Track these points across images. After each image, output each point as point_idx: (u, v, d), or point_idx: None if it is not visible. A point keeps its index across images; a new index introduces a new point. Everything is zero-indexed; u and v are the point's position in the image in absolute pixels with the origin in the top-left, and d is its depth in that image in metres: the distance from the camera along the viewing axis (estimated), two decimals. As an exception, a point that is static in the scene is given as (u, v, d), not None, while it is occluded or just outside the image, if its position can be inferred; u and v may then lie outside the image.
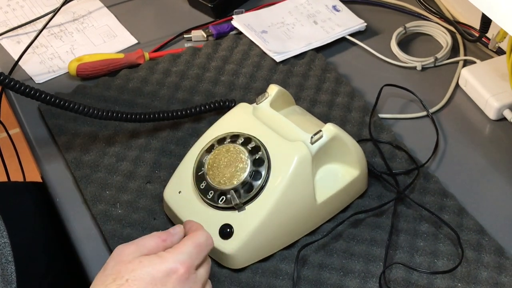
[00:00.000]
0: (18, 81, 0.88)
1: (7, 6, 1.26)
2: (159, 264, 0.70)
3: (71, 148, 0.99)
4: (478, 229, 0.89)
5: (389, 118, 1.04)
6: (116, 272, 0.70)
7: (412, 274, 0.84)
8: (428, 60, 1.11)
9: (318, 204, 0.87)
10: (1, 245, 0.95)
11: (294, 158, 0.84)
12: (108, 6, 1.25)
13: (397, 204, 0.92)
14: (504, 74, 1.03)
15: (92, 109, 0.93)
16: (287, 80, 1.08)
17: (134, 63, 1.12)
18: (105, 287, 0.69)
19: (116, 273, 0.70)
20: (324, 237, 0.87)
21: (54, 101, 0.91)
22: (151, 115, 0.98)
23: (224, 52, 1.13)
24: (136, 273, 0.69)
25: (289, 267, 0.86)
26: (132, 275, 0.69)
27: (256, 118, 0.89)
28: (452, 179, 0.95)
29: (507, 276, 0.84)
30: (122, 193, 0.94)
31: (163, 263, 0.70)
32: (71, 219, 0.93)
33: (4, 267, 0.93)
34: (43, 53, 1.16)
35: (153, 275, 0.69)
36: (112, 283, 0.69)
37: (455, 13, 1.19)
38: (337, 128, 0.87)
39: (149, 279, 0.69)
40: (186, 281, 0.71)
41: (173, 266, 0.70)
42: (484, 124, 1.03)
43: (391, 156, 0.98)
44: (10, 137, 1.20)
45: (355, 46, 1.16)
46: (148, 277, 0.69)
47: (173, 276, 0.70)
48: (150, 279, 0.69)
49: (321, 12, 1.19)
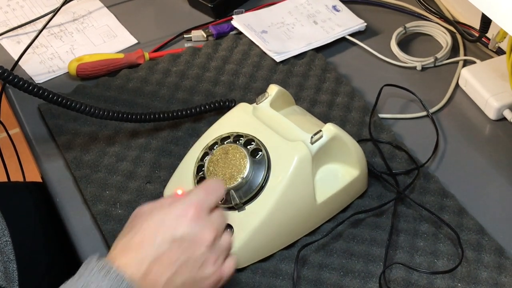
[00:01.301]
0: (21, 78, 0.88)
1: (7, 6, 1.26)
2: (170, 209, 0.73)
3: (71, 148, 0.99)
4: (478, 229, 0.89)
5: (389, 118, 1.04)
6: (132, 224, 0.73)
7: (412, 274, 0.84)
8: (428, 60, 1.11)
9: (318, 204, 0.87)
10: (3, 243, 0.95)
11: (294, 158, 0.84)
12: (108, 6, 1.25)
13: (397, 204, 0.92)
14: (504, 74, 1.03)
15: (94, 108, 0.93)
16: (287, 80, 1.08)
17: (134, 63, 1.12)
18: (123, 237, 0.73)
19: (133, 225, 0.73)
20: (324, 237, 0.87)
21: (56, 99, 0.91)
22: (152, 115, 0.98)
23: (224, 52, 1.13)
24: (149, 221, 0.72)
25: (289, 267, 0.86)
26: (146, 223, 0.72)
27: (256, 118, 0.89)
28: (452, 179, 0.95)
29: (507, 276, 0.84)
30: (122, 193, 0.94)
31: (173, 208, 0.73)
32: (71, 219, 0.93)
33: (6, 266, 0.93)
34: (43, 53, 1.16)
35: (164, 220, 0.72)
36: (129, 233, 0.72)
37: (455, 13, 1.19)
38: (337, 128, 0.87)
39: (161, 223, 0.72)
40: (198, 222, 0.73)
41: (183, 209, 0.73)
42: (484, 124, 1.03)
43: (391, 156, 0.98)
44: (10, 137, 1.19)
45: (355, 46, 1.16)
46: (161, 222, 0.72)
47: (184, 219, 0.72)
48: (162, 224, 0.72)
49: (321, 12, 1.19)
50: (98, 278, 0.68)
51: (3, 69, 0.87)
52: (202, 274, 0.73)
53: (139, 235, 0.72)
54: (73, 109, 0.92)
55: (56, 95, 0.91)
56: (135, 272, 0.69)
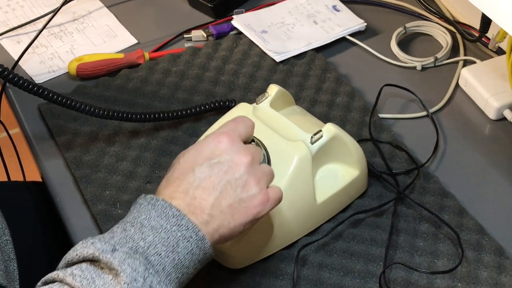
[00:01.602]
0: (21, 77, 0.88)
1: (7, 6, 1.26)
2: (204, 142, 0.76)
3: (71, 148, 0.99)
4: (478, 229, 0.89)
5: (389, 118, 1.04)
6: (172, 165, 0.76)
7: (412, 274, 0.84)
8: (428, 60, 1.11)
9: (318, 204, 0.87)
10: (3, 242, 0.95)
11: (294, 158, 0.84)
12: (108, 6, 1.25)
13: (397, 204, 0.92)
14: (504, 74, 1.03)
15: (94, 108, 0.93)
16: (287, 80, 1.08)
17: (134, 63, 1.12)
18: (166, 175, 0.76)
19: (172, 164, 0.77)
20: (324, 237, 0.87)
21: (56, 98, 0.91)
22: (152, 115, 0.98)
23: (224, 52, 1.13)
24: (185, 156, 0.76)
25: (289, 267, 0.86)
26: (183, 159, 0.75)
27: (256, 118, 0.89)
28: (452, 179, 0.95)
29: (507, 276, 0.84)
30: (122, 193, 0.94)
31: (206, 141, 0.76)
32: (71, 219, 0.93)
33: (7, 265, 0.93)
34: (43, 53, 1.16)
35: (200, 151, 0.75)
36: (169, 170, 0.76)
37: (455, 13, 1.19)
38: (337, 128, 0.87)
39: (197, 154, 0.75)
40: (232, 146, 0.75)
41: (215, 138, 0.75)
42: (484, 124, 1.03)
43: (391, 156, 0.98)
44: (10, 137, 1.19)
45: (355, 46, 1.16)
46: (197, 153, 0.75)
47: (218, 145, 0.75)
48: (198, 154, 0.75)
49: (321, 12, 1.19)
50: (147, 210, 0.71)
51: (3, 67, 0.87)
52: (246, 194, 0.74)
53: (178, 169, 0.75)
54: (73, 108, 0.92)
55: (56, 94, 0.91)
56: (180, 201, 0.72)
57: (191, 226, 0.70)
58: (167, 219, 0.70)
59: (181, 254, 0.70)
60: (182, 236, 0.70)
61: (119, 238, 0.69)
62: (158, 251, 0.68)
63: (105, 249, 0.66)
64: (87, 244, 0.67)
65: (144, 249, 0.68)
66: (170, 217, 0.70)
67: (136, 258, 0.66)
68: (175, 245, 0.69)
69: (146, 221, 0.70)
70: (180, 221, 0.70)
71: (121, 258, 0.65)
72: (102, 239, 0.68)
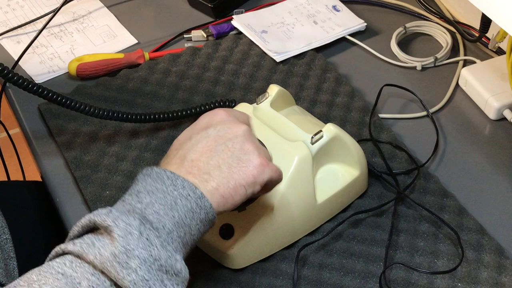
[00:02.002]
0: (21, 76, 0.88)
1: (7, 6, 1.26)
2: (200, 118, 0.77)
3: (71, 148, 0.99)
4: (478, 229, 0.89)
5: (389, 118, 1.04)
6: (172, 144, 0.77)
7: (412, 274, 0.84)
8: (428, 60, 1.11)
9: (318, 204, 0.87)
10: (3, 241, 0.95)
11: (294, 158, 0.84)
12: (108, 6, 1.25)
13: (397, 204, 0.92)
14: (504, 74, 1.03)
15: (94, 108, 0.93)
16: (287, 80, 1.08)
17: (134, 63, 1.12)
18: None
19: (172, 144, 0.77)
20: (324, 237, 0.87)
21: (56, 97, 0.91)
22: (152, 115, 0.98)
23: (224, 52, 1.13)
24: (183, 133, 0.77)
25: (289, 267, 0.86)
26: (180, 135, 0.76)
27: (256, 118, 0.89)
28: (452, 179, 0.96)
29: (507, 276, 0.84)
30: (122, 193, 0.93)
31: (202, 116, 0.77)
32: (71, 219, 0.93)
33: (7, 263, 0.94)
34: (43, 53, 1.16)
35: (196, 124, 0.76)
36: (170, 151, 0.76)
37: (455, 13, 1.19)
38: (337, 128, 0.87)
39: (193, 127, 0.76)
40: (229, 117, 0.76)
41: (212, 113, 0.77)
42: (484, 124, 1.03)
43: (391, 156, 0.98)
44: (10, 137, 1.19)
45: (355, 46, 1.16)
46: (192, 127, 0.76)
47: (215, 116, 0.76)
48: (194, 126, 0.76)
49: (321, 12, 1.19)
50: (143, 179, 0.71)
51: (3, 66, 0.87)
52: (244, 155, 0.73)
53: (175, 144, 0.76)
54: (73, 108, 0.92)
55: (56, 94, 0.91)
56: (176, 166, 0.72)
57: (187, 184, 0.70)
58: (162, 182, 0.70)
59: (181, 212, 0.69)
60: (179, 194, 0.69)
61: (117, 205, 0.69)
62: (155, 210, 0.68)
63: (101, 212, 0.66)
64: (86, 216, 0.67)
65: (141, 210, 0.68)
66: (165, 179, 0.70)
67: (131, 215, 0.66)
68: (173, 203, 0.68)
69: (142, 188, 0.70)
70: (175, 181, 0.70)
71: (115, 216, 0.65)
72: (100, 209, 0.67)
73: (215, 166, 0.72)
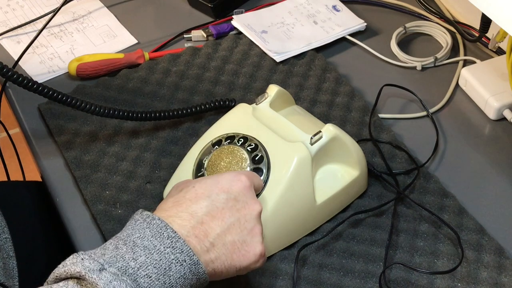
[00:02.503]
0: (21, 75, 0.88)
1: (7, 6, 1.26)
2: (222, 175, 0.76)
3: (71, 148, 0.99)
4: (478, 229, 0.89)
5: (389, 118, 1.04)
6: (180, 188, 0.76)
7: (412, 274, 0.84)
8: (428, 60, 1.11)
9: (318, 204, 0.87)
10: (2, 240, 0.95)
11: (293, 159, 0.84)
12: (108, 6, 1.25)
13: (397, 204, 0.92)
14: (504, 74, 1.03)
15: (94, 106, 0.93)
16: (287, 80, 1.08)
17: (134, 63, 1.12)
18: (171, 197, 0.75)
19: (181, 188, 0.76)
20: (324, 237, 0.87)
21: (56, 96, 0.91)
22: (152, 113, 0.98)
23: (224, 52, 1.13)
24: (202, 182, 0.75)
25: (289, 267, 0.86)
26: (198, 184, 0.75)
27: (255, 118, 0.89)
28: (452, 179, 0.95)
29: (507, 276, 0.84)
30: (122, 193, 0.94)
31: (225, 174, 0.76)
32: (71, 219, 0.93)
33: (6, 262, 0.94)
34: (43, 53, 1.16)
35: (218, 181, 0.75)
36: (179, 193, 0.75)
37: (455, 13, 1.19)
38: (337, 129, 0.87)
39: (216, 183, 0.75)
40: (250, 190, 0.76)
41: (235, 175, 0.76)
42: (484, 124, 1.03)
43: (391, 156, 0.98)
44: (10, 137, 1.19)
45: (355, 46, 1.16)
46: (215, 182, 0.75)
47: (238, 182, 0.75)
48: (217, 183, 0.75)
49: (321, 12, 1.19)
50: (142, 228, 0.69)
51: (3, 65, 0.87)
52: (251, 238, 0.74)
53: (192, 192, 0.74)
54: (73, 106, 0.92)
55: (57, 92, 0.91)
56: (186, 223, 0.71)
57: (185, 249, 0.69)
58: (161, 240, 0.68)
59: (173, 278, 0.68)
60: (175, 259, 0.68)
61: (110, 257, 0.67)
62: (148, 273, 0.67)
63: (92, 268, 0.64)
64: (76, 260, 0.66)
65: (134, 270, 0.66)
66: (164, 238, 0.68)
67: (124, 281, 0.65)
68: (167, 268, 0.68)
69: (139, 240, 0.68)
70: (174, 243, 0.68)
71: (107, 280, 0.64)
72: (92, 255, 0.66)
73: (221, 238, 0.72)
